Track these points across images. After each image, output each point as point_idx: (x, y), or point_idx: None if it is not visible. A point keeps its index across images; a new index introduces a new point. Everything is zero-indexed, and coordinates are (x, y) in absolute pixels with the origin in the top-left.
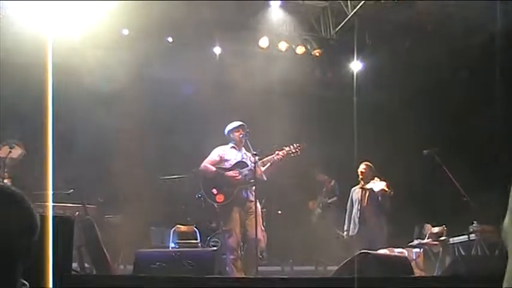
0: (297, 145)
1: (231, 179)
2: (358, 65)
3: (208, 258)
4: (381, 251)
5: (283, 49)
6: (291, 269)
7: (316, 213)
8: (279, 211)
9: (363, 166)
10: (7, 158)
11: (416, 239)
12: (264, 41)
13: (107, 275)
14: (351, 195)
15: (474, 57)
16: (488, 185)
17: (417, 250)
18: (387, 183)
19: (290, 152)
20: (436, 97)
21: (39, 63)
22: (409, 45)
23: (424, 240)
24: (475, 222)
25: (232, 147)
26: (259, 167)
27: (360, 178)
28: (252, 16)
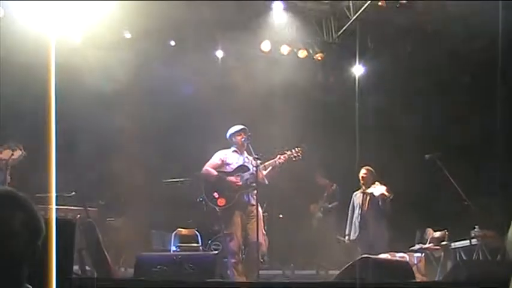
0: (299, 149)
1: (232, 185)
2: (360, 69)
3: (210, 261)
4: (382, 256)
5: (285, 53)
6: (292, 273)
7: (317, 217)
8: (280, 215)
9: (363, 171)
10: (9, 159)
11: (418, 243)
12: (266, 44)
13: (108, 278)
14: (352, 200)
15: (476, 61)
16: (490, 189)
17: (418, 255)
18: (387, 188)
19: (292, 156)
20: (438, 101)
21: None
22: (411, 49)
23: (426, 245)
24: (477, 227)
25: (234, 151)
26: (261, 171)
27: (361, 183)
28: (254, 20)
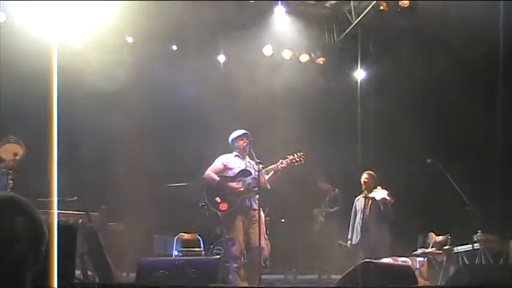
0: (301, 154)
1: (233, 190)
2: (362, 73)
3: (212, 266)
4: (384, 260)
5: (287, 57)
6: (294, 278)
7: (319, 221)
8: (282, 219)
9: (365, 175)
10: (17, 156)
11: (420, 247)
12: (268, 49)
13: (110, 282)
14: (354, 205)
15: (478, 65)
16: (493, 194)
17: (421, 259)
18: (389, 192)
19: (294, 160)
20: (440, 105)
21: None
22: (412, 53)
23: (428, 249)
24: (479, 231)
25: (236, 155)
26: (263, 175)
27: (363, 187)
28: (255, 24)
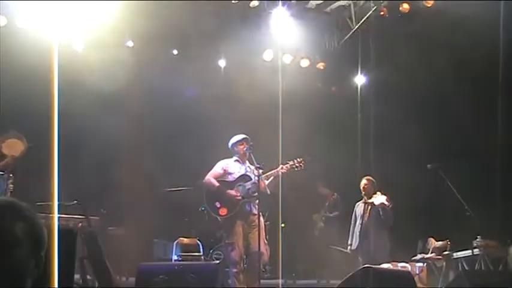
0: (301, 159)
1: (232, 198)
2: (362, 78)
3: (211, 271)
4: (384, 266)
5: (288, 62)
6: (293, 283)
7: (319, 227)
8: (282, 224)
9: (364, 181)
10: (19, 153)
11: (420, 253)
12: (268, 53)
13: (109, 287)
14: (354, 210)
15: (478, 70)
16: (493, 199)
17: (420, 264)
18: (387, 197)
19: (294, 166)
20: (440, 110)
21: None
22: (413, 58)
23: (428, 255)
24: (479, 237)
25: (236, 160)
26: (263, 180)
27: (363, 193)
28: (256, 29)
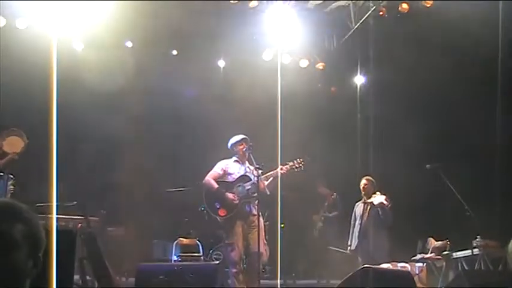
0: (301, 160)
1: (229, 201)
2: (362, 78)
3: (211, 271)
4: (383, 266)
5: (287, 62)
6: (293, 283)
7: (318, 227)
8: (282, 225)
9: (364, 181)
10: (20, 150)
11: (420, 253)
12: (267, 54)
13: None
14: (354, 210)
15: (478, 70)
16: (492, 199)
17: (420, 264)
18: (387, 197)
19: (293, 166)
20: (440, 110)
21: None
22: (412, 58)
23: (427, 255)
24: (479, 236)
25: (235, 160)
26: (263, 181)
27: (362, 193)
28: (255, 29)
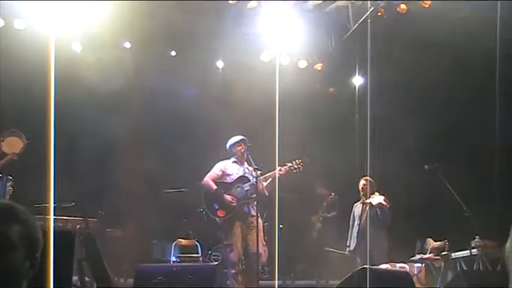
0: (299, 161)
1: (228, 202)
2: (360, 79)
3: (210, 272)
4: (382, 266)
5: (285, 63)
6: (292, 283)
7: (317, 227)
8: (280, 225)
9: (362, 181)
10: (19, 150)
11: (418, 253)
12: (266, 54)
13: None
14: (352, 211)
15: (476, 71)
16: (490, 199)
17: (419, 265)
18: (385, 197)
19: (292, 167)
20: (439, 111)
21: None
22: (411, 59)
23: (426, 255)
24: (477, 237)
25: (234, 161)
26: (261, 182)
27: (361, 193)
28: (254, 30)
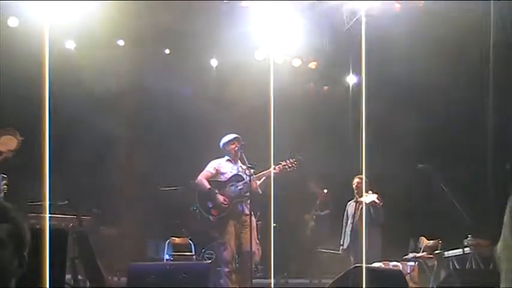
0: (293, 160)
1: (222, 201)
2: (354, 78)
3: (203, 270)
4: (375, 265)
5: (279, 61)
6: (285, 282)
7: (311, 226)
8: (274, 224)
9: (356, 180)
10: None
11: (411, 252)
12: (260, 53)
13: (101, 287)
14: (346, 209)
15: (471, 69)
16: (483, 198)
17: (412, 263)
18: (378, 196)
19: (286, 166)
20: (433, 110)
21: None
22: (405, 58)
23: (419, 254)
24: (470, 236)
25: (227, 160)
26: (255, 180)
27: (355, 192)
28: (247, 28)
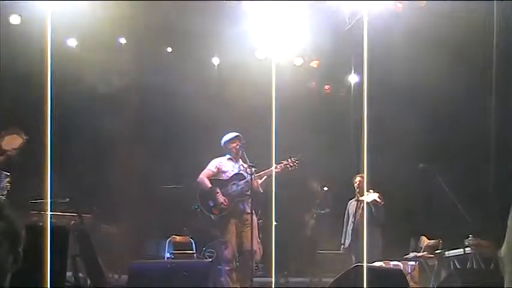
0: (295, 159)
1: (223, 199)
2: (356, 77)
3: (204, 269)
4: (376, 264)
5: (281, 60)
6: (286, 281)
7: (311, 224)
8: (275, 222)
9: (358, 179)
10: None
11: (412, 252)
12: (261, 52)
13: (101, 285)
14: (347, 208)
15: (473, 70)
16: (484, 198)
17: (413, 263)
18: (379, 194)
19: (287, 165)
20: (434, 109)
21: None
22: (408, 57)
23: (420, 253)
24: (471, 235)
25: (229, 158)
26: (256, 179)
27: (356, 191)
28: (249, 27)
